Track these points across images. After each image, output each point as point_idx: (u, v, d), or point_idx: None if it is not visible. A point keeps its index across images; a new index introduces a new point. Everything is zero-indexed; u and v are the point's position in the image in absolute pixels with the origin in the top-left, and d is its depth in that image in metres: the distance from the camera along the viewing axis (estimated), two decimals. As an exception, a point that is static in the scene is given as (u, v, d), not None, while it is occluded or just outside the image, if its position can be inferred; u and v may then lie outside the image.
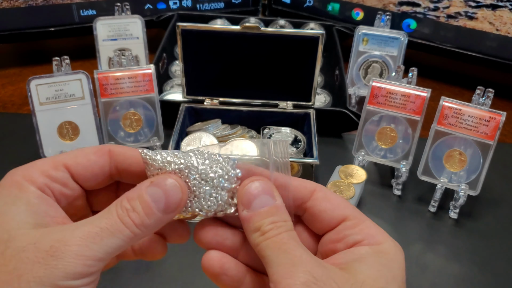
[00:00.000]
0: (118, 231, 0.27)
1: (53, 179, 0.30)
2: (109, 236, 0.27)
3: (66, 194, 0.30)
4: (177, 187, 0.29)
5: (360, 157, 0.69)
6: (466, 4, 0.89)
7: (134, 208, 0.28)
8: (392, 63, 0.83)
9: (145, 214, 0.28)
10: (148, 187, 0.28)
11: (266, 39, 0.70)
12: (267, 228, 0.28)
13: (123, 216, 0.27)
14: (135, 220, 0.27)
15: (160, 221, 0.28)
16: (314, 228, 0.32)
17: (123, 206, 0.28)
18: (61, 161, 0.30)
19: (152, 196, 0.28)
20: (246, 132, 0.74)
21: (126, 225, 0.27)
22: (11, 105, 0.85)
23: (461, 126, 0.61)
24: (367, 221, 0.30)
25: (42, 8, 0.92)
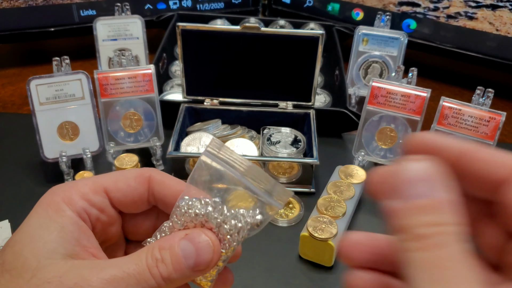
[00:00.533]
0: (144, 281, 0.27)
1: (92, 204, 0.29)
2: (134, 284, 0.26)
3: (103, 220, 0.30)
4: (210, 247, 0.28)
5: (360, 157, 0.69)
6: (466, 4, 0.89)
7: (163, 259, 0.27)
8: (392, 63, 0.83)
9: (173, 268, 0.27)
10: (181, 239, 0.28)
11: (266, 39, 0.70)
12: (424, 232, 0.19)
13: (152, 266, 0.27)
14: (163, 273, 0.27)
15: (186, 278, 0.28)
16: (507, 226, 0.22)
17: (154, 255, 0.27)
18: (101, 184, 0.30)
19: (184, 250, 0.28)
20: (246, 132, 0.74)
21: (153, 276, 0.27)
22: (11, 105, 0.85)
23: (461, 126, 0.61)
24: None
25: (42, 8, 0.92)
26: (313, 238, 0.54)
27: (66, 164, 0.66)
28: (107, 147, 0.68)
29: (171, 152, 0.65)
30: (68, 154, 0.66)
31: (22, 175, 0.68)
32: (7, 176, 0.68)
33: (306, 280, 0.54)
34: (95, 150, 0.68)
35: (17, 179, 0.68)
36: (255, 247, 0.58)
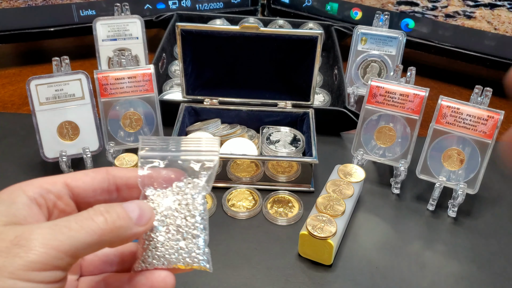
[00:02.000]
0: (87, 226, 0.27)
1: (49, 191, 0.30)
2: (78, 230, 0.27)
3: (60, 208, 0.31)
4: (150, 208, 0.31)
5: (359, 156, 0.69)
6: (464, 3, 0.89)
7: (108, 211, 0.29)
8: (390, 63, 0.83)
9: (117, 217, 0.29)
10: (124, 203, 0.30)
11: (265, 39, 0.71)
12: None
13: (95, 215, 0.28)
14: (107, 218, 0.28)
15: (130, 231, 0.29)
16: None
17: (97, 208, 0.29)
18: (61, 177, 0.32)
19: (127, 207, 0.30)
20: (245, 132, 0.74)
21: (97, 221, 0.28)
22: (11, 105, 0.86)
23: (459, 125, 0.62)
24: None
25: (42, 8, 0.93)
26: (312, 237, 0.54)
27: (66, 164, 0.66)
28: (107, 146, 0.68)
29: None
30: (68, 154, 0.67)
31: (22, 175, 0.68)
32: (7, 176, 0.68)
33: (305, 279, 0.55)
34: (95, 149, 0.68)
35: (17, 179, 0.67)
36: (254, 246, 0.59)
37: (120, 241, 0.29)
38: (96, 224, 0.27)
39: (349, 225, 0.62)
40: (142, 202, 0.31)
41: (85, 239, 0.27)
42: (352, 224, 0.62)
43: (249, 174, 0.67)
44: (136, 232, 0.30)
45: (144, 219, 0.30)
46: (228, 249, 0.58)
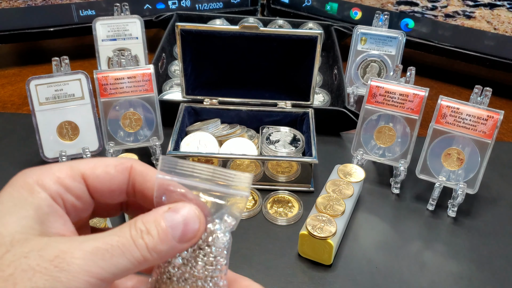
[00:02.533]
0: (128, 252, 0.25)
1: (68, 190, 0.28)
2: (119, 255, 0.25)
3: (78, 207, 0.29)
4: (196, 216, 0.27)
5: (359, 156, 0.69)
6: (464, 3, 0.89)
7: (149, 231, 0.26)
8: (390, 62, 0.83)
9: (159, 239, 0.26)
10: (166, 212, 0.27)
11: (265, 39, 0.71)
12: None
13: (137, 237, 0.26)
14: (149, 244, 0.26)
15: (173, 250, 0.27)
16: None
17: (138, 228, 0.26)
18: (79, 170, 0.28)
19: (170, 222, 0.27)
20: (245, 132, 0.74)
21: (138, 247, 0.25)
22: (11, 105, 0.86)
23: (459, 125, 0.62)
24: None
25: (41, 8, 0.93)
26: (312, 237, 0.54)
27: (66, 163, 0.66)
28: (106, 146, 0.68)
29: (171, 151, 0.65)
30: (68, 153, 0.67)
31: (22, 175, 0.68)
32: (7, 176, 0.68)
33: (305, 279, 0.55)
34: (95, 149, 0.68)
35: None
36: (254, 246, 0.59)
37: (163, 260, 0.28)
38: (138, 252, 0.25)
39: (349, 225, 0.62)
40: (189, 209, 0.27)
41: (125, 266, 0.25)
42: (352, 224, 0.62)
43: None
44: (179, 250, 0.27)
45: (189, 234, 0.27)
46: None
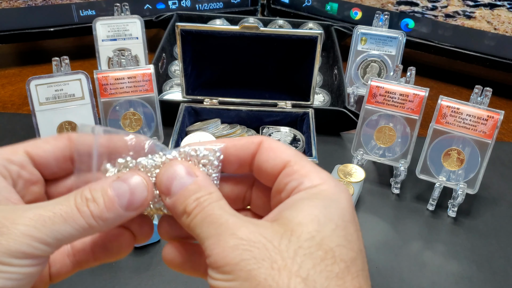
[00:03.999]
0: (72, 219, 0.26)
1: (11, 161, 0.29)
2: (62, 222, 0.25)
3: (24, 177, 0.30)
4: (144, 186, 0.28)
5: (359, 156, 0.69)
6: (464, 3, 0.89)
7: (95, 199, 0.27)
8: (390, 63, 0.83)
9: (105, 207, 0.27)
10: (114, 181, 0.27)
11: (265, 39, 0.71)
12: (191, 207, 0.27)
13: (81, 205, 0.26)
14: (94, 211, 0.26)
15: (119, 218, 0.27)
16: (264, 182, 0.30)
17: (83, 195, 0.27)
18: (21, 147, 0.30)
19: (117, 190, 0.27)
20: (245, 132, 0.74)
21: (83, 214, 0.26)
22: (11, 105, 0.86)
23: (459, 125, 0.62)
24: (307, 165, 0.28)
25: (42, 8, 0.93)
26: (312, 237, 0.54)
27: (66, 164, 0.66)
28: (107, 146, 0.68)
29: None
30: (68, 154, 0.66)
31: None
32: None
33: (305, 279, 0.55)
34: (95, 149, 0.68)
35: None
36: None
37: (110, 228, 0.28)
38: (82, 219, 0.26)
39: (349, 225, 0.62)
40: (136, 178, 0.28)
41: (69, 232, 0.26)
42: (352, 224, 0.62)
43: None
44: (126, 218, 0.28)
45: (136, 203, 0.28)
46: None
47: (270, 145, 0.29)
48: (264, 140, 0.30)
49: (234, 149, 0.30)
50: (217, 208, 0.26)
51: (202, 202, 0.27)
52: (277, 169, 0.29)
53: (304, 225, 0.25)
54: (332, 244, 0.25)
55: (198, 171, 0.28)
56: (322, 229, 0.25)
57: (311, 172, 0.28)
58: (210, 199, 0.27)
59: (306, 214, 0.25)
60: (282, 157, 0.29)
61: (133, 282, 0.53)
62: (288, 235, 0.25)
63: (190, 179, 0.28)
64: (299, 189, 0.27)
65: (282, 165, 0.28)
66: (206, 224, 0.26)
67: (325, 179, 0.27)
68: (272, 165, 0.29)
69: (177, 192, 0.28)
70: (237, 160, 0.30)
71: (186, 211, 0.27)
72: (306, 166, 0.28)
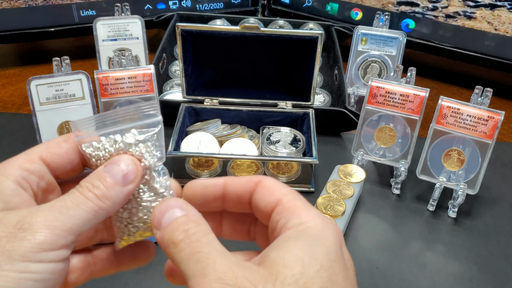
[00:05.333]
0: (82, 203, 0.28)
1: (30, 172, 0.30)
2: (75, 208, 0.27)
3: (43, 187, 0.31)
4: (130, 160, 0.30)
5: (359, 156, 0.69)
6: (464, 3, 0.89)
7: (93, 185, 0.29)
8: (391, 63, 0.83)
9: (106, 188, 0.29)
10: (104, 167, 0.30)
11: (265, 39, 0.71)
12: (179, 238, 0.27)
13: (85, 191, 0.28)
14: (98, 193, 0.28)
15: (122, 193, 0.29)
16: (262, 221, 0.31)
17: (83, 186, 0.29)
18: (36, 154, 0.31)
19: (109, 172, 0.29)
20: (245, 132, 0.74)
21: (89, 198, 0.28)
22: (11, 105, 0.86)
23: (459, 125, 0.62)
24: (298, 203, 0.28)
25: (42, 8, 0.93)
26: (312, 237, 0.54)
27: (67, 164, 0.66)
28: (107, 147, 0.68)
29: (171, 151, 0.65)
30: (69, 154, 0.66)
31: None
32: (8, 176, 0.68)
33: (305, 279, 0.55)
34: (95, 150, 0.68)
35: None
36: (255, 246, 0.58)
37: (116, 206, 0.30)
38: (90, 202, 0.28)
39: (349, 225, 0.62)
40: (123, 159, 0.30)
41: (84, 215, 0.27)
42: (352, 225, 0.62)
43: (250, 174, 0.67)
44: (128, 192, 0.30)
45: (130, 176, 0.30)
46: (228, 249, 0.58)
47: (267, 183, 0.30)
48: (262, 180, 0.30)
49: (234, 187, 0.31)
50: (205, 245, 0.26)
51: (190, 235, 0.27)
52: (270, 207, 0.29)
53: (288, 268, 0.25)
54: (315, 287, 0.25)
55: (190, 207, 0.29)
56: (306, 271, 0.25)
57: (299, 209, 0.28)
58: (198, 232, 0.27)
59: (291, 256, 0.25)
60: (275, 195, 0.29)
61: (133, 282, 0.53)
62: (273, 279, 0.25)
63: (180, 212, 0.28)
64: (287, 226, 0.27)
65: (275, 203, 0.29)
66: (193, 261, 0.26)
67: (313, 215, 0.28)
68: (266, 203, 0.29)
69: (166, 224, 0.28)
70: (236, 198, 0.31)
71: (173, 241, 0.27)
72: (296, 204, 0.28)
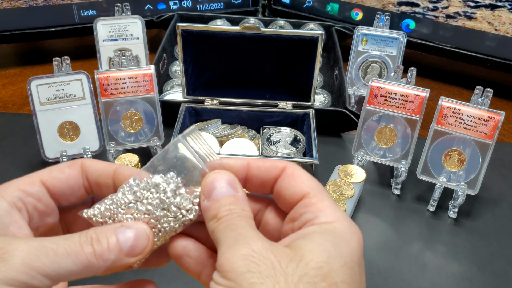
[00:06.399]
0: (74, 255, 0.26)
1: (28, 193, 0.30)
2: (64, 256, 0.26)
3: (40, 210, 0.30)
4: (146, 234, 0.29)
5: (360, 156, 0.69)
6: (465, 4, 0.89)
7: (99, 240, 0.27)
8: (391, 63, 0.83)
9: (108, 249, 0.27)
10: (118, 227, 0.29)
11: (265, 40, 0.71)
12: (222, 214, 0.28)
13: (85, 243, 0.27)
14: (97, 250, 0.27)
15: (119, 262, 0.28)
16: (281, 207, 0.31)
17: (89, 235, 0.28)
18: (37, 176, 0.31)
19: (121, 235, 0.28)
20: (246, 132, 0.74)
21: (85, 251, 0.27)
22: (12, 105, 0.86)
23: (460, 125, 0.62)
24: (325, 200, 0.29)
25: (43, 8, 0.93)
26: (312, 237, 0.54)
27: (67, 164, 0.66)
28: (107, 147, 0.68)
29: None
30: (69, 154, 0.67)
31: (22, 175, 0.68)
32: (8, 176, 0.68)
33: (305, 279, 0.55)
34: (96, 150, 0.68)
35: (18, 179, 0.68)
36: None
37: (109, 271, 0.28)
38: (84, 255, 0.27)
39: (350, 225, 0.62)
40: (141, 227, 0.29)
41: (70, 267, 0.26)
42: (352, 225, 0.62)
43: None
44: (127, 263, 0.29)
45: (137, 250, 0.29)
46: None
47: (293, 172, 0.30)
48: (288, 167, 0.31)
49: (258, 171, 0.31)
50: (243, 221, 0.28)
51: (233, 213, 0.28)
52: (296, 198, 0.30)
53: (314, 254, 0.26)
54: (338, 279, 0.25)
55: (240, 188, 0.30)
56: (332, 262, 0.26)
57: (327, 207, 0.28)
58: (241, 213, 0.28)
59: (318, 245, 0.26)
60: (302, 187, 0.30)
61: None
62: (298, 260, 0.25)
63: (232, 191, 0.29)
64: (313, 222, 0.28)
65: (301, 195, 0.29)
66: (227, 230, 0.27)
67: (340, 217, 0.28)
68: (292, 193, 0.30)
69: (216, 198, 0.29)
70: (259, 181, 0.31)
71: (216, 216, 0.28)
72: (324, 201, 0.29)
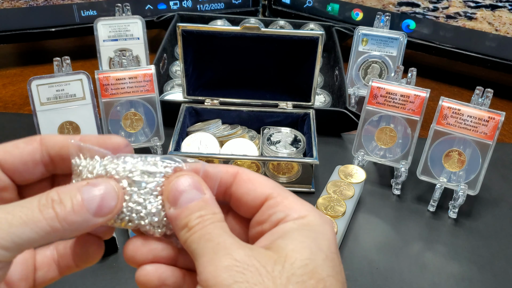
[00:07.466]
0: (32, 222, 0.24)
1: None
2: (20, 225, 0.24)
3: None
4: (115, 192, 0.27)
5: (360, 157, 0.69)
6: (465, 4, 0.89)
7: (62, 201, 0.25)
8: (391, 63, 0.83)
9: (72, 210, 0.25)
10: (84, 186, 0.26)
11: (266, 40, 0.71)
12: (194, 223, 0.27)
13: (46, 206, 0.25)
14: (59, 213, 0.25)
15: (86, 223, 0.26)
16: (242, 213, 0.30)
17: (50, 197, 0.25)
18: None
19: (86, 195, 0.26)
20: (246, 132, 0.74)
21: (45, 216, 0.24)
22: (12, 105, 0.86)
23: (460, 126, 0.62)
24: (290, 197, 0.29)
25: (43, 8, 0.93)
26: (313, 237, 0.54)
27: (67, 164, 0.66)
28: (107, 147, 0.68)
29: (172, 152, 0.65)
30: (69, 154, 0.67)
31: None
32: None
33: (306, 279, 0.55)
34: (96, 150, 0.68)
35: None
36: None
37: (73, 234, 0.26)
38: (45, 221, 0.24)
39: (350, 226, 0.62)
40: (108, 184, 0.27)
41: (30, 236, 0.24)
42: (352, 225, 0.62)
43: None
44: (94, 224, 0.26)
45: (105, 209, 0.26)
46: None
47: (248, 177, 0.30)
48: (240, 172, 0.30)
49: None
50: (218, 228, 0.27)
51: (205, 220, 0.27)
52: (258, 202, 0.29)
53: (297, 252, 0.25)
54: (324, 274, 0.25)
55: (207, 189, 0.28)
56: (315, 258, 0.25)
57: (295, 203, 0.28)
58: (213, 218, 0.27)
59: (299, 242, 0.26)
60: (263, 190, 0.29)
61: (133, 282, 0.53)
62: (282, 261, 0.25)
63: (198, 195, 0.28)
64: (286, 220, 0.28)
65: (264, 197, 0.29)
66: (204, 241, 0.26)
67: (310, 210, 0.28)
68: (253, 197, 0.29)
69: (183, 205, 0.27)
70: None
71: (187, 225, 0.27)
72: (288, 198, 0.28)
